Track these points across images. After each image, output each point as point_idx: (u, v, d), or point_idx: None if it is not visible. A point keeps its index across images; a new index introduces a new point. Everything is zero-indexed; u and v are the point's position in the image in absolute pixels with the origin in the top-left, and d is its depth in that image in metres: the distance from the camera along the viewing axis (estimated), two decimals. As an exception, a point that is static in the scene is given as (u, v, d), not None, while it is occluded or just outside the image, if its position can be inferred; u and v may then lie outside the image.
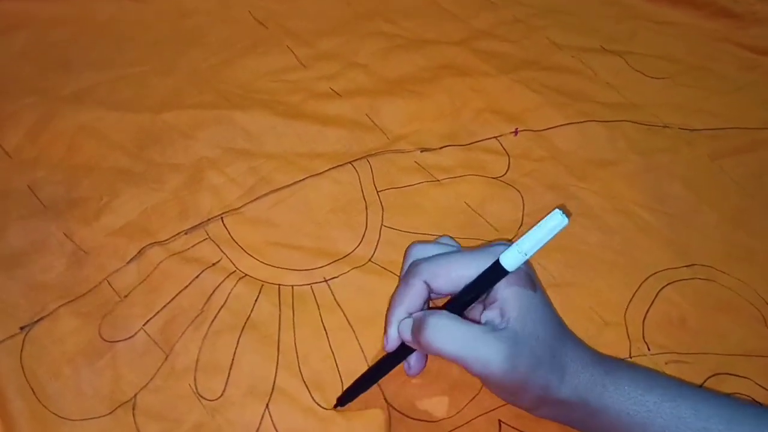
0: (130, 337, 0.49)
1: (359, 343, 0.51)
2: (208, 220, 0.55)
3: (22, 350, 0.48)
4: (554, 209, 0.39)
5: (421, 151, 0.61)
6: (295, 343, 0.50)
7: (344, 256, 0.55)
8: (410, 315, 0.46)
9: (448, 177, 0.60)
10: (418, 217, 0.57)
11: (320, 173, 0.58)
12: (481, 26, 0.72)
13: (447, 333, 0.43)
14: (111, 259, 0.52)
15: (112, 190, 0.55)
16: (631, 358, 0.52)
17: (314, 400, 0.48)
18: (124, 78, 0.62)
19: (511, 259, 0.41)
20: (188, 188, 0.56)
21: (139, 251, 0.52)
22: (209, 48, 0.65)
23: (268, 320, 0.51)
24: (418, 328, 0.44)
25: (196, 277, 0.52)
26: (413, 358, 0.48)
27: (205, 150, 0.58)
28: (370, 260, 0.55)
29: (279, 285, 0.52)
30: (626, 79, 0.69)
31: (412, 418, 0.48)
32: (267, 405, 0.48)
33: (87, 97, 0.60)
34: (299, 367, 0.49)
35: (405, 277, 0.48)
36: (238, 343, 0.50)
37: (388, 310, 0.48)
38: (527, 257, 0.40)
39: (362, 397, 0.48)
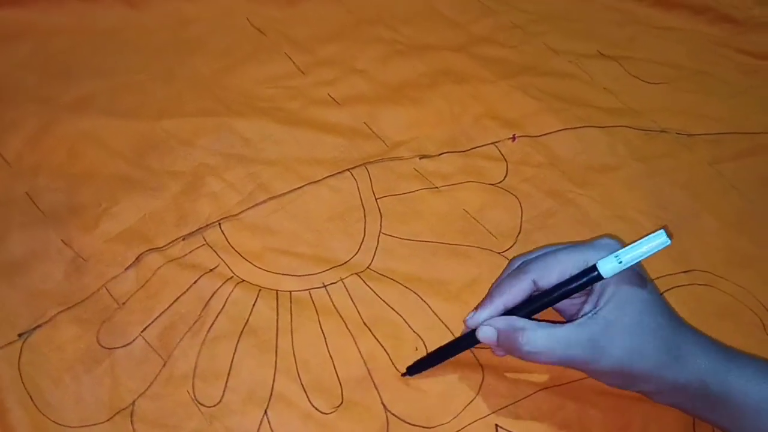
0: (128, 344, 0.49)
1: (358, 348, 0.51)
2: (206, 226, 0.55)
3: (20, 357, 0.48)
4: (660, 229, 0.43)
5: (420, 158, 0.61)
6: (293, 348, 0.50)
7: (342, 264, 0.55)
8: (493, 319, 0.47)
9: (446, 184, 0.60)
10: (416, 225, 0.57)
11: (318, 181, 0.58)
12: (480, 32, 0.72)
13: (540, 346, 0.44)
14: (109, 265, 0.52)
15: (112, 197, 0.55)
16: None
17: (313, 405, 0.48)
18: (124, 86, 0.62)
19: (608, 266, 0.44)
20: (187, 195, 0.56)
21: (137, 257, 0.52)
22: (209, 55, 0.66)
23: (266, 325, 0.51)
24: (508, 342, 0.45)
25: (194, 283, 0.52)
26: None
27: (204, 157, 0.59)
28: (368, 268, 0.55)
29: (277, 290, 0.53)
30: (624, 84, 0.69)
31: (409, 424, 0.48)
32: (265, 411, 0.48)
33: (87, 104, 0.60)
34: (298, 372, 0.49)
35: (513, 272, 0.49)
36: (236, 349, 0.50)
37: (487, 295, 0.49)
38: (623, 267, 0.43)
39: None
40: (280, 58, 0.66)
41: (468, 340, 0.49)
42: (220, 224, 0.55)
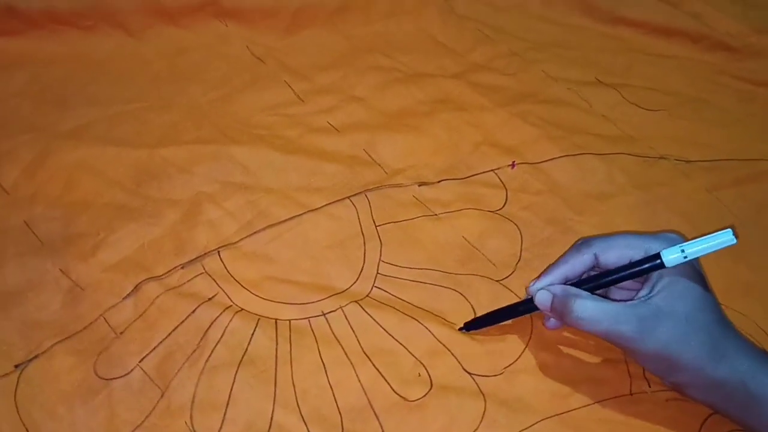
0: (125, 375, 0.49)
1: (358, 378, 0.50)
2: (205, 254, 0.54)
3: (16, 389, 0.47)
4: (728, 228, 0.44)
5: (419, 185, 0.61)
6: (292, 379, 0.50)
7: (341, 292, 0.54)
8: (551, 286, 0.49)
9: (446, 211, 0.60)
10: (416, 252, 0.57)
11: (318, 208, 0.58)
12: (478, 60, 0.72)
13: (590, 314, 0.46)
14: (107, 295, 0.52)
15: (109, 226, 0.55)
16: (631, 395, 0.51)
17: (312, 437, 0.48)
18: (121, 114, 0.62)
19: (672, 256, 0.45)
20: (185, 223, 0.56)
21: (135, 287, 0.52)
22: (207, 84, 0.66)
23: (265, 355, 0.50)
24: (561, 307, 0.48)
25: (192, 312, 0.51)
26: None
27: (202, 185, 0.58)
28: (368, 296, 0.54)
29: (276, 319, 0.52)
30: (622, 111, 0.70)
31: (410, 455, 0.48)
32: (264, 442, 0.47)
33: (84, 133, 0.60)
34: (297, 402, 0.49)
35: (576, 246, 0.51)
36: (234, 380, 0.49)
37: (550, 265, 0.51)
38: (686, 260, 0.45)
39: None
40: (279, 85, 0.66)
41: (526, 304, 0.51)
42: (218, 252, 0.55)
